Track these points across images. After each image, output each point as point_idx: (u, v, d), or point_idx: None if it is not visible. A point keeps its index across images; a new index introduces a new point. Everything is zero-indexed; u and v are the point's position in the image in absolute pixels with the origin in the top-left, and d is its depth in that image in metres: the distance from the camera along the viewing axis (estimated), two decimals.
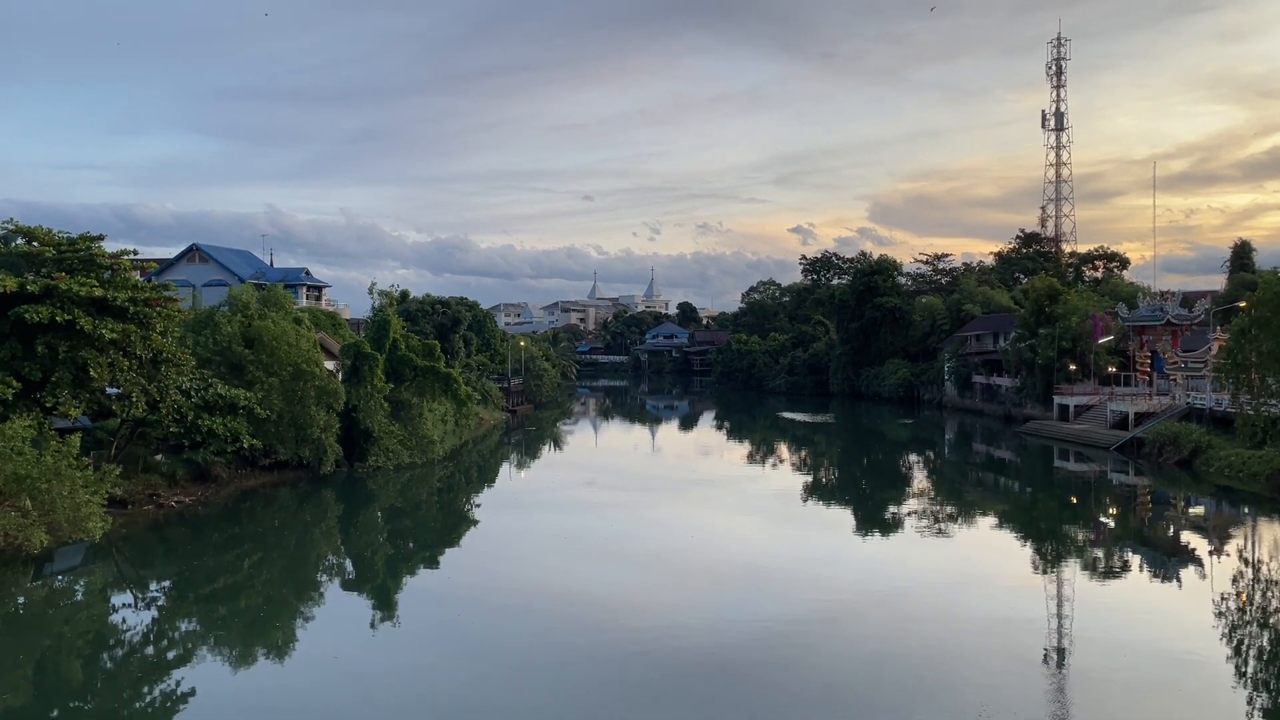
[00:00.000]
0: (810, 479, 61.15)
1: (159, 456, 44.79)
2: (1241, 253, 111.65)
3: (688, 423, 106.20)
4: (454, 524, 43.54)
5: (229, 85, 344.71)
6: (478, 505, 49.00)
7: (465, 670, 22.77)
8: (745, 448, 79.74)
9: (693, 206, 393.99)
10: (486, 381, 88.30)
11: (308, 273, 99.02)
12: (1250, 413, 44.92)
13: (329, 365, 55.10)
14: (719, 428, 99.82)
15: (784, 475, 61.80)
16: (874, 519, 45.55)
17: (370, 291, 69.02)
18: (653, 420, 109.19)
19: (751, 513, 46.36)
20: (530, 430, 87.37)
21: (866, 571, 33.50)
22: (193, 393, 43.39)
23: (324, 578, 34.35)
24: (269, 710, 20.75)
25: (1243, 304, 52.45)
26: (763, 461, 69.25)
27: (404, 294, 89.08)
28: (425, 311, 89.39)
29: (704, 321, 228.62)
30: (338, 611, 29.13)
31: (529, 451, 74.68)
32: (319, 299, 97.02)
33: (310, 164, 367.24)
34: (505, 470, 64.31)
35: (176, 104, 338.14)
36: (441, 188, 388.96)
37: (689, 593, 29.84)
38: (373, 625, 27.27)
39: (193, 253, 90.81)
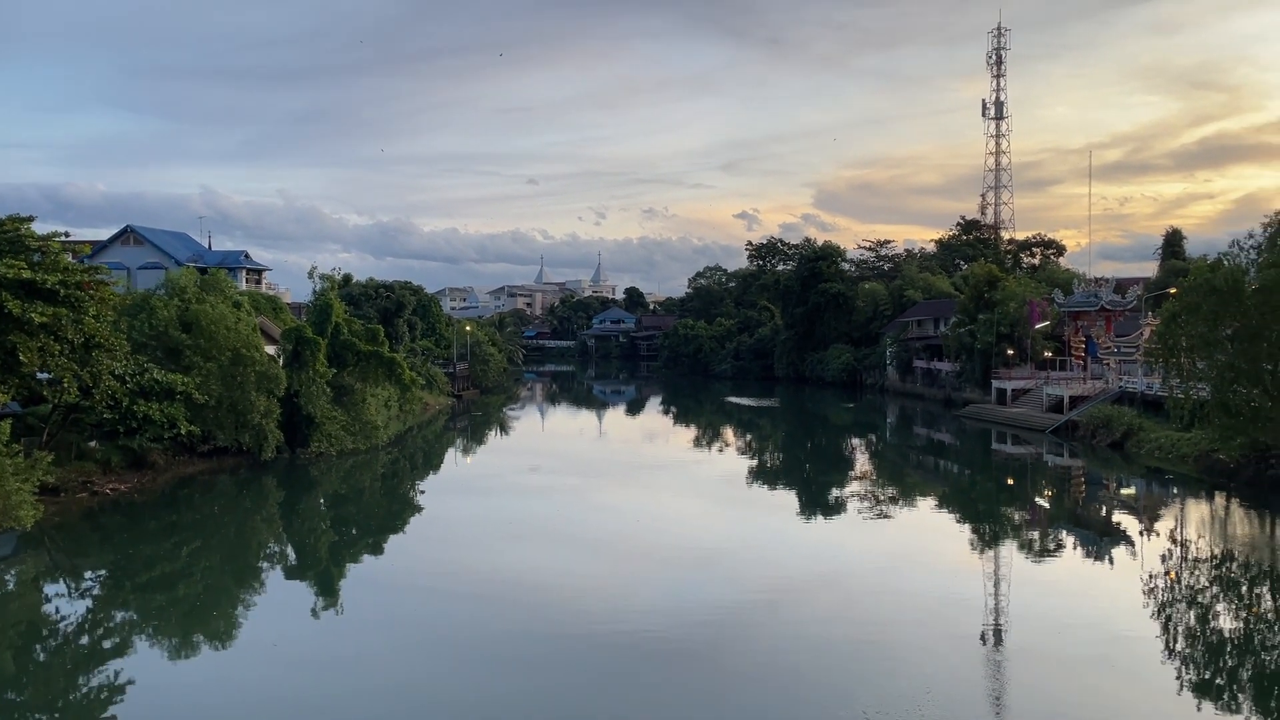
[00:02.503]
0: (756, 463, 61.69)
1: (93, 443, 43.67)
2: (1173, 240, 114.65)
3: (634, 407, 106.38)
4: (399, 510, 43.17)
5: (165, 63, 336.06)
6: (423, 491, 48.63)
7: (410, 658, 22.62)
8: (692, 432, 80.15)
9: (639, 191, 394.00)
10: (431, 366, 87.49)
11: (247, 255, 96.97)
12: (1179, 396, 46.25)
13: (269, 350, 54.15)
14: (666, 412, 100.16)
15: (730, 459, 62.25)
16: (818, 502, 46.13)
17: (311, 275, 67.85)
18: (600, 405, 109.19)
19: (698, 496, 46.65)
20: (476, 415, 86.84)
21: (811, 553, 33.94)
22: (128, 378, 42.36)
23: (265, 565, 33.85)
24: (208, 700, 20.42)
25: (1173, 290, 53.95)
26: (709, 446, 69.67)
27: (346, 278, 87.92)
28: (368, 295, 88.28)
29: (651, 307, 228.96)
30: (279, 600, 28.74)
31: (475, 437, 74.24)
32: (259, 282, 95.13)
33: (248, 145, 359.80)
34: (451, 455, 63.88)
35: (109, 82, 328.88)
36: (384, 170, 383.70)
37: (636, 576, 29.97)
38: (315, 613, 26.98)
39: (127, 235, 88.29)
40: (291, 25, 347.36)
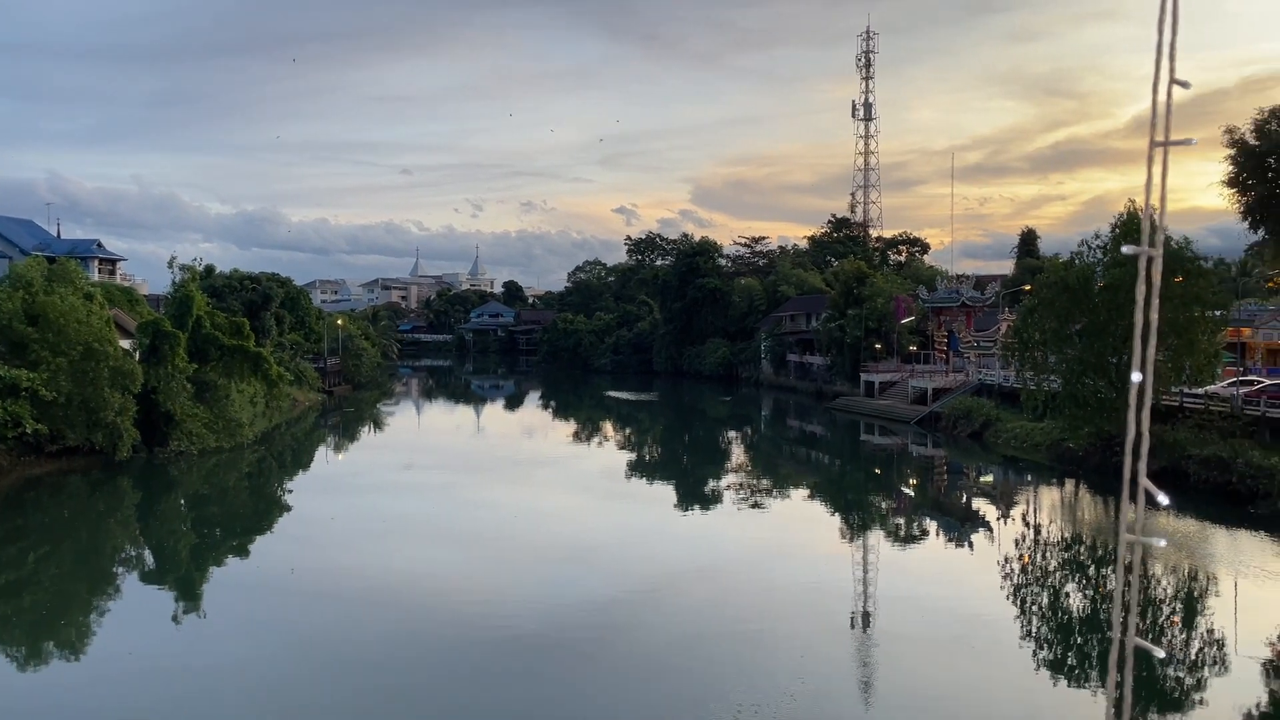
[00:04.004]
0: (634, 457, 62.06)
1: None
2: (1028, 240, 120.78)
3: (513, 402, 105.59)
4: (265, 510, 41.66)
5: (7, 40, 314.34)
6: (291, 490, 47.07)
7: (276, 664, 21.85)
8: (571, 426, 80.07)
9: (518, 184, 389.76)
10: (301, 361, 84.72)
11: (100, 245, 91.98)
12: (1033, 388, 48.82)
13: (125, 344, 51.41)
14: (545, 407, 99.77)
15: (609, 453, 62.45)
16: (695, 494, 46.73)
17: (170, 266, 64.67)
18: (478, 400, 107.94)
19: (576, 491, 46.63)
20: (349, 411, 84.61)
21: (689, 546, 34.35)
22: None
23: (120, 570, 32.14)
24: (59, 711, 19.26)
25: (1028, 287, 56.87)
26: (588, 440, 69.73)
27: (209, 269, 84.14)
28: (233, 288, 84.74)
29: (530, 301, 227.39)
30: (135, 606, 27.33)
31: (347, 433, 72.31)
32: (113, 273, 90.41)
33: (101, 128, 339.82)
34: (322, 453, 62.04)
35: None
36: (249, 157, 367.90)
37: (514, 573, 29.73)
38: (175, 619, 25.76)
39: None
40: (149, 3, 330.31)
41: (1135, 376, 2.05)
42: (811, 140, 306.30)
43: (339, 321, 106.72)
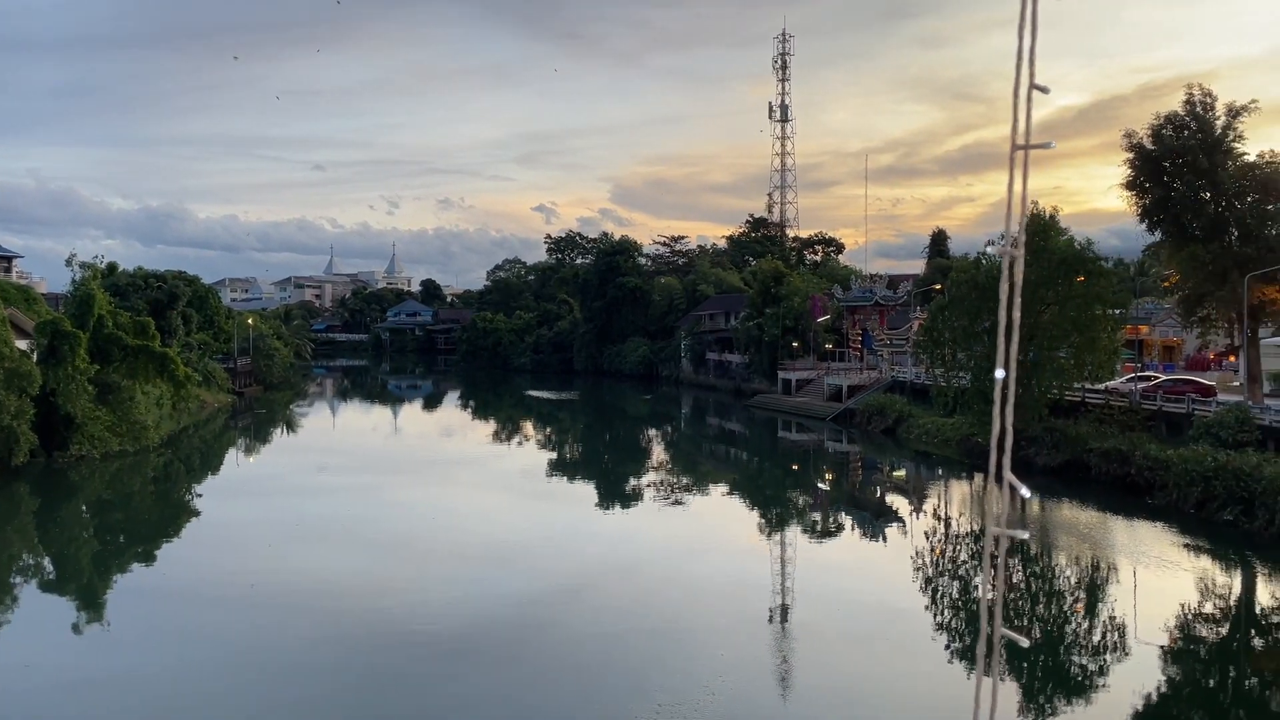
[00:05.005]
0: (555, 456, 61.87)
1: None
2: (938, 240, 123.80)
3: (432, 402, 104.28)
4: (172, 515, 40.37)
5: None
6: (200, 494, 45.71)
7: (185, 673, 21.15)
8: (490, 426, 79.44)
9: (434, 181, 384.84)
10: (209, 362, 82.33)
11: None
12: (943, 385, 50.11)
13: (21, 345, 49.26)
14: (464, 407, 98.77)
15: (529, 453, 62.14)
16: (616, 493, 46.79)
17: (70, 264, 62.35)
18: (395, 400, 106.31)
19: (496, 491, 46.28)
20: (260, 413, 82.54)
21: (609, 544, 34.38)
22: None
23: (17, 580, 30.72)
24: None
25: (938, 286, 58.35)
26: (508, 440, 69.27)
27: (111, 266, 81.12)
28: (137, 286, 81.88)
29: (449, 299, 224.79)
30: (34, 617, 26.17)
31: (259, 435, 70.52)
32: (9, 270, 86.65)
33: None
34: (232, 456, 60.38)
35: None
36: (153, 151, 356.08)
37: (433, 575, 29.36)
38: (77, 630, 24.77)
39: None
40: None
41: (998, 374, 2.12)
42: (730, 141, 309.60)
43: (249, 321, 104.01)
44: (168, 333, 72.59)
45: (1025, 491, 2.14)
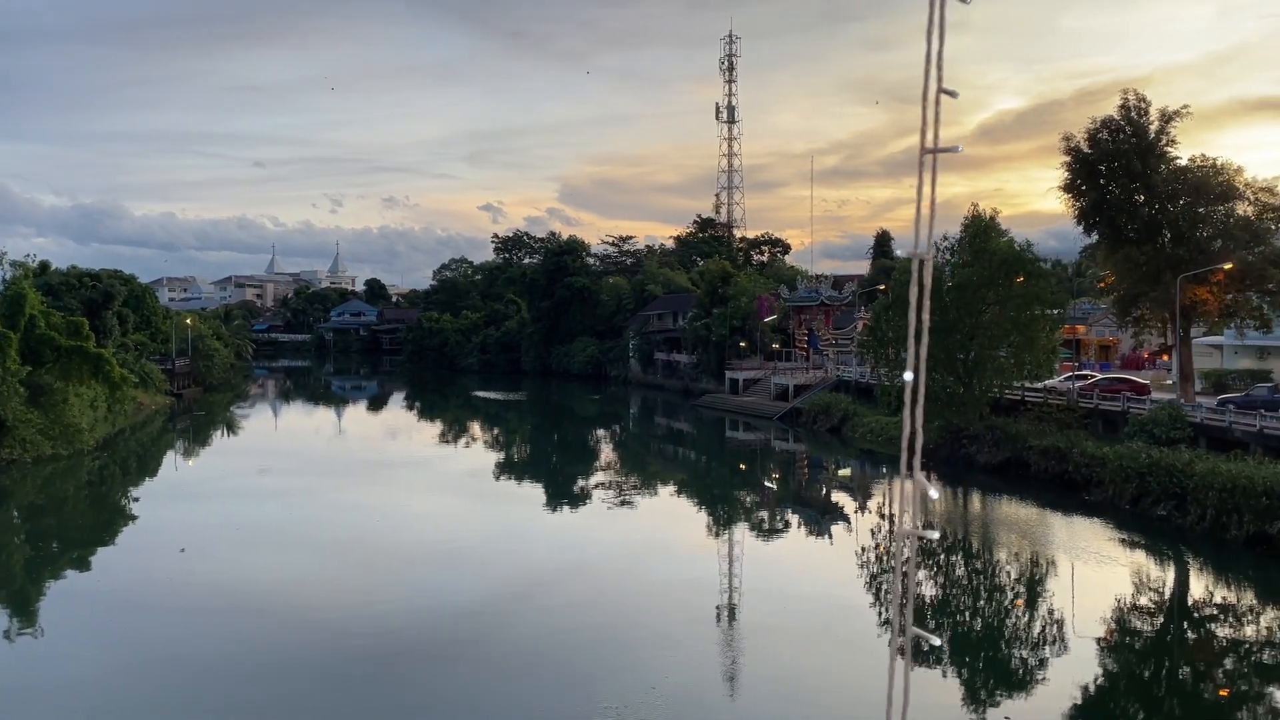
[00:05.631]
0: (502, 456, 61.52)
1: None
2: (882, 241, 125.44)
3: (376, 403, 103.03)
4: (108, 520, 39.39)
5: None
6: (137, 499, 44.65)
7: (127, 680, 20.65)
8: (437, 427, 78.71)
9: (379, 179, 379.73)
10: (146, 363, 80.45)
11: None
12: (887, 384, 50.80)
13: None
14: (410, 408, 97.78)
15: (476, 454, 61.70)
16: (564, 493, 46.66)
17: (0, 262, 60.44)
18: (339, 401, 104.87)
19: (443, 493, 45.88)
20: (199, 415, 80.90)
21: (557, 545, 34.26)
22: None
23: None
24: None
25: (882, 287, 59.12)
26: (454, 441, 68.71)
27: (43, 265, 78.82)
28: (71, 285, 79.71)
29: (394, 299, 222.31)
30: None
31: (198, 438, 69.10)
32: None
33: None
34: (170, 459, 59.08)
35: None
36: (86, 147, 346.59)
37: (379, 578, 29.00)
38: (8, 637, 24.04)
39: None
40: None
41: (907, 376, 2.13)
42: (677, 141, 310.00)
43: (188, 321, 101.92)
44: (103, 333, 70.84)
45: (933, 492, 2.17)
